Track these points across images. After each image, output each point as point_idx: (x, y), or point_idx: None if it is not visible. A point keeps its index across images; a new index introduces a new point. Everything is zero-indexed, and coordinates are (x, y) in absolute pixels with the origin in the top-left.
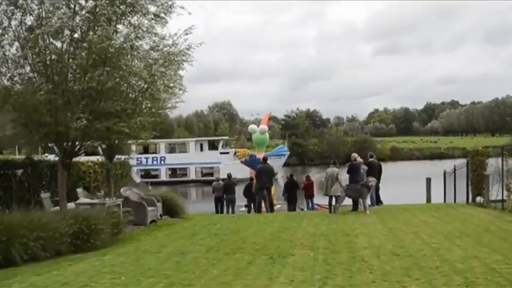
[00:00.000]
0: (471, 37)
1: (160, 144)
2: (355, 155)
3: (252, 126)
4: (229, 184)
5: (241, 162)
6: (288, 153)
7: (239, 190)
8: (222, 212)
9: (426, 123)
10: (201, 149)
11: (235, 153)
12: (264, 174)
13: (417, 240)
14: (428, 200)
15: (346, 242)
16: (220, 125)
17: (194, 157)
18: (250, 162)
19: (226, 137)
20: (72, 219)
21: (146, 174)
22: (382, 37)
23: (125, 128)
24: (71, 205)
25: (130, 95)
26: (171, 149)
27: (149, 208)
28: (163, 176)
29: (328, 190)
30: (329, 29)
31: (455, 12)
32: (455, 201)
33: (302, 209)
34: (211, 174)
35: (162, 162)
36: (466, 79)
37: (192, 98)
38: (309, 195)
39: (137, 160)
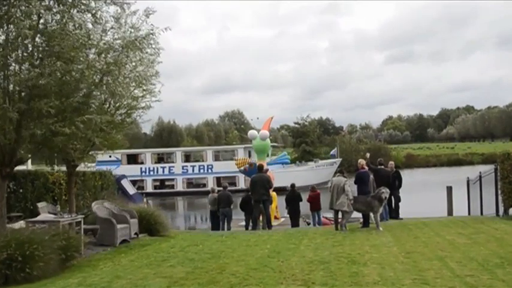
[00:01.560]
0: (484, 43)
1: (207, 151)
2: (362, 161)
3: (251, 132)
4: (224, 196)
5: (240, 171)
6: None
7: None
8: (218, 228)
9: (441, 129)
10: (249, 156)
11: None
12: (259, 185)
13: (445, 271)
14: (450, 212)
15: (351, 273)
16: (229, 133)
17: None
18: (250, 171)
19: (275, 144)
20: (3, 243)
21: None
22: (395, 45)
23: (66, 129)
24: (20, 224)
25: (81, 88)
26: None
27: (119, 226)
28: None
29: (333, 203)
30: (341, 39)
31: (467, 19)
32: (481, 213)
33: (308, 223)
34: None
35: (210, 170)
36: (480, 85)
37: (205, 109)
38: (315, 208)
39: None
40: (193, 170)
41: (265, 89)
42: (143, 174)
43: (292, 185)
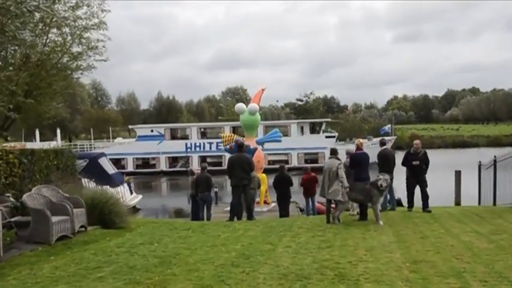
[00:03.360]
0: (493, 25)
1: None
2: (360, 140)
3: (239, 105)
4: (203, 178)
5: (226, 150)
6: (281, 139)
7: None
8: (197, 217)
9: (446, 110)
10: (302, 133)
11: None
12: (238, 167)
13: None
14: (458, 200)
15: None
16: (228, 110)
17: (297, 142)
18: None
19: (328, 119)
20: None
21: None
22: (404, 24)
23: None
24: None
25: None
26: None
27: (56, 218)
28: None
29: (325, 191)
30: (350, 16)
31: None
32: (494, 203)
33: (302, 210)
34: (316, 161)
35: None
36: (487, 67)
37: (211, 85)
38: (310, 194)
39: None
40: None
41: (271, 66)
42: (188, 150)
43: (282, 167)
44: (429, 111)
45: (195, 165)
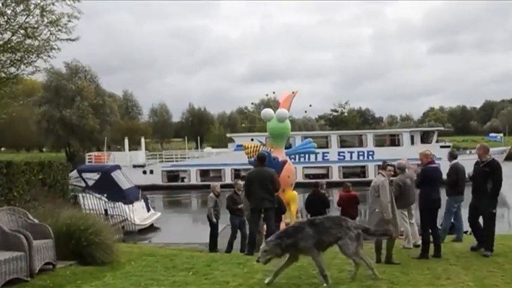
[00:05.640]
0: None
1: (367, 135)
2: (428, 152)
3: (266, 111)
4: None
5: (250, 163)
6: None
7: None
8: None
9: (485, 122)
10: (412, 142)
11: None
12: (258, 185)
13: None
14: None
15: None
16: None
17: (408, 152)
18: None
19: (441, 127)
20: None
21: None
22: (439, 35)
23: None
24: None
25: None
26: (380, 142)
27: (2, 256)
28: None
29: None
30: (385, 27)
31: None
32: None
33: None
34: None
35: (370, 157)
36: None
37: (244, 98)
38: (348, 216)
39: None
40: (351, 157)
41: (305, 78)
42: (292, 160)
43: (316, 184)
44: (467, 123)
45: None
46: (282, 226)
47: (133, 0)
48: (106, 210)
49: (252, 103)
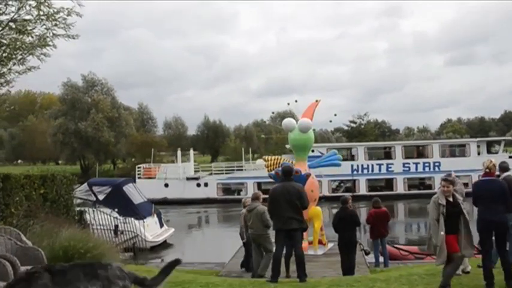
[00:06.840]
0: None
1: (432, 145)
2: (491, 161)
3: (287, 121)
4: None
5: (271, 177)
6: (340, 162)
7: None
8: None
9: (504, 133)
10: (478, 153)
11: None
12: (283, 201)
13: None
14: None
15: None
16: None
17: (476, 162)
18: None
19: (509, 137)
20: None
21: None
22: (455, 47)
23: None
24: None
25: None
26: (448, 152)
27: None
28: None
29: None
30: (401, 40)
31: None
32: None
33: (367, 253)
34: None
35: (436, 168)
36: None
37: (260, 111)
38: (379, 234)
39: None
40: (416, 168)
41: (322, 92)
42: (354, 172)
43: (344, 200)
44: (486, 134)
45: (362, 191)
46: (305, 245)
47: (152, 16)
48: (116, 226)
49: (273, 112)
